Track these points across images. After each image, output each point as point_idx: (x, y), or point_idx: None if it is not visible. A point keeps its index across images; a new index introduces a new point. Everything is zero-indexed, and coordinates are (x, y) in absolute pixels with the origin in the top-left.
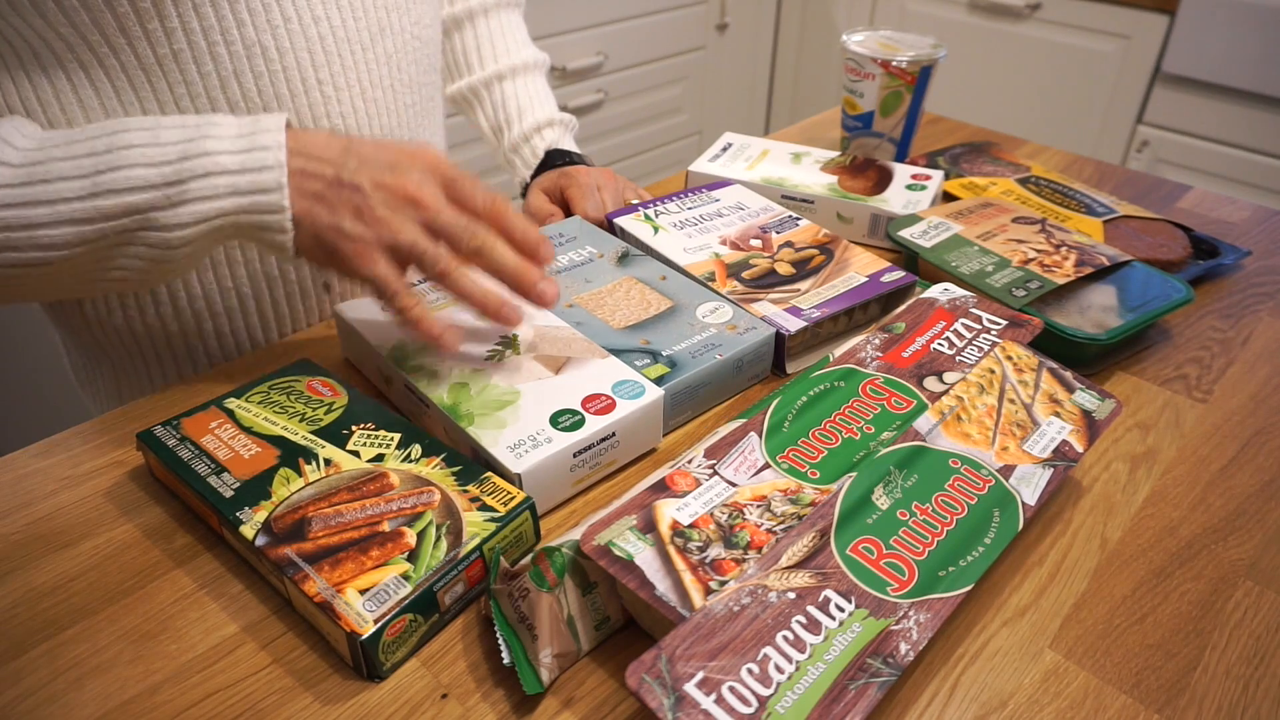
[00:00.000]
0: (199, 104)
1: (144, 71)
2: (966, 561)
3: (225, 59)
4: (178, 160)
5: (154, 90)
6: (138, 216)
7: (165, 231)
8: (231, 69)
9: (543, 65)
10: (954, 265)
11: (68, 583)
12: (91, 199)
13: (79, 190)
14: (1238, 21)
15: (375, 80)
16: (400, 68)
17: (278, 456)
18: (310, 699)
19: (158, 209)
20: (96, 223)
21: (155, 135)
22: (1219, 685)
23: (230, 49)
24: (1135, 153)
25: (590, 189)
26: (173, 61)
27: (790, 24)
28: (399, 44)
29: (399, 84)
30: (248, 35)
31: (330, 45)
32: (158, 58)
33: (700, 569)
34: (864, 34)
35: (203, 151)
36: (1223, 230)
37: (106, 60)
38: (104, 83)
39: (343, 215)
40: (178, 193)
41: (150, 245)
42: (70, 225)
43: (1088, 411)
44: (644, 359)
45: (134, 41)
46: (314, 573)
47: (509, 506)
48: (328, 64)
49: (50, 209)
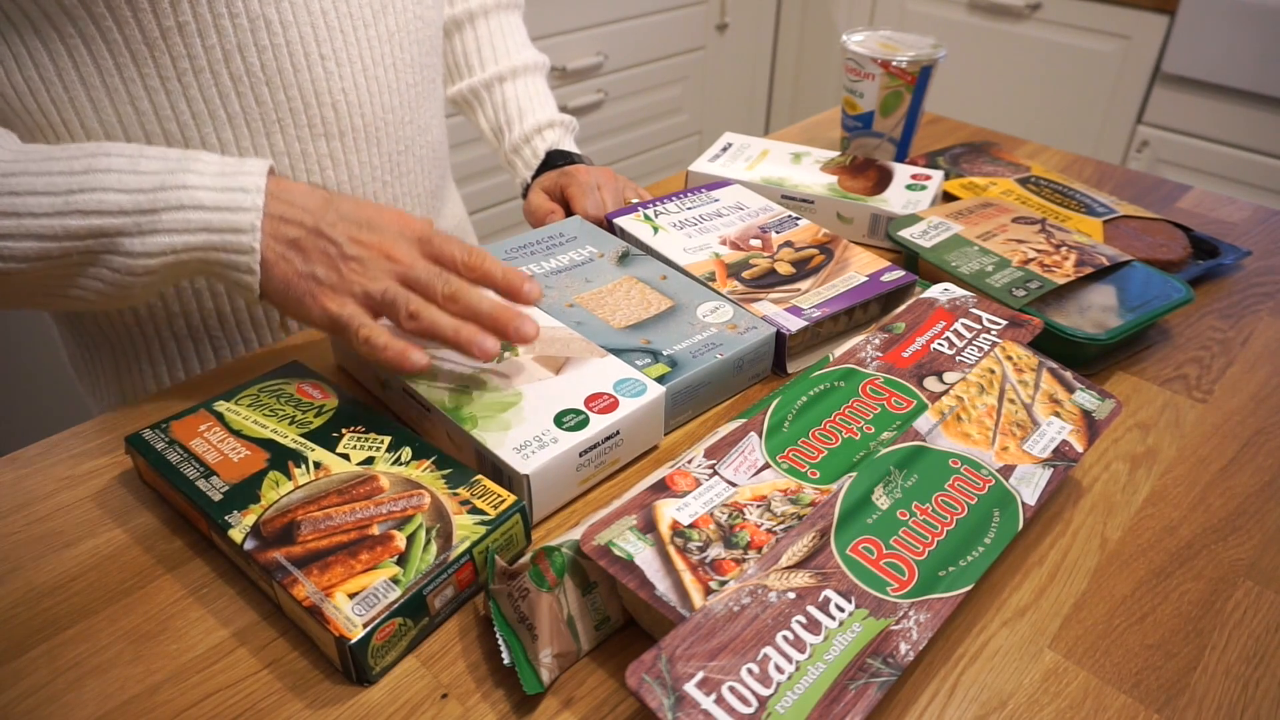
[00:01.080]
0: (201, 78)
1: (146, 45)
2: (966, 561)
3: (229, 32)
4: (154, 190)
5: (156, 64)
6: (104, 240)
7: (129, 258)
8: (235, 42)
9: (543, 67)
10: (954, 265)
11: (68, 583)
12: (60, 217)
13: (48, 207)
14: (1238, 21)
15: (377, 58)
16: (402, 46)
17: (267, 460)
18: (310, 699)
19: (126, 235)
20: (61, 241)
21: (135, 163)
22: (1219, 685)
23: (234, 22)
24: (1135, 153)
25: (590, 188)
26: (176, 34)
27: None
28: (401, 23)
29: (400, 63)
30: (251, 9)
31: (333, 20)
32: (161, 30)
33: (700, 569)
34: (864, 34)
35: (181, 185)
36: (1223, 230)
37: (109, 33)
38: (105, 56)
39: (316, 263)
40: (149, 222)
41: (112, 270)
42: (34, 240)
43: (1088, 411)
44: (644, 358)
45: (138, 13)
46: (303, 577)
47: (499, 510)
48: (330, 39)
49: (16, 221)
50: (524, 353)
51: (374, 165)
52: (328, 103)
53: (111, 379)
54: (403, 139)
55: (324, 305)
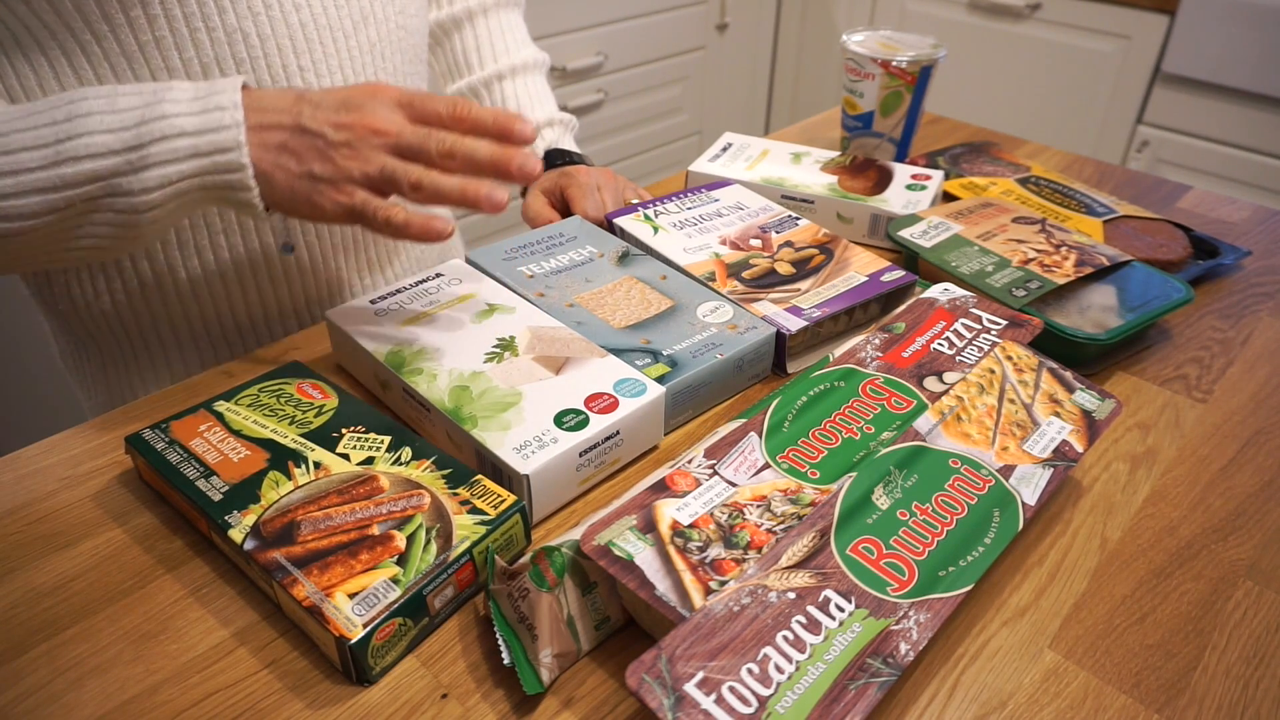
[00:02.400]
0: None
1: (125, 58)
2: (966, 561)
3: (206, 45)
4: (135, 125)
5: (135, 76)
6: (102, 183)
7: (131, 197)
8: (213, 55)
9: (543, 65)
10: (954, 265)
11: (68, 583)
12: (54, 167)
13: (41, 160)
14: (1238, 21)
15: (359, 69)
16: (384, 56)
17: (267, 459)
18: (311, 698)
19: (121, 174)
20: (62, 190)
21: (113, 103)
22: (1219, 685)
23: (211, 35)
24: (1135, 153)
25: (590, 189)
26: (154, 48)
27: (790, 24)
28: (383, 33)
29: (383, 73)
30: (229, 22)
31: (312, 33)
32: (139, 44)
33: (700, 569)
34: (864, 34)
35: (160, 115)
36: (1223, 230)
37: (89, 46)
38: (85, 69)
39: (310, 161)
40: (139, 158)
41: (118, 211)
42: (37, 194)
43: (1088, 411)
44: (645, 358)
45: (116, 28)
46: (303, 577)
47: (499, 510)
48: (309, 51)
49: (14, 179)
50: (524, 353)
51: None
52: None
53: (99, 376)
54: None
55: (334, 199)
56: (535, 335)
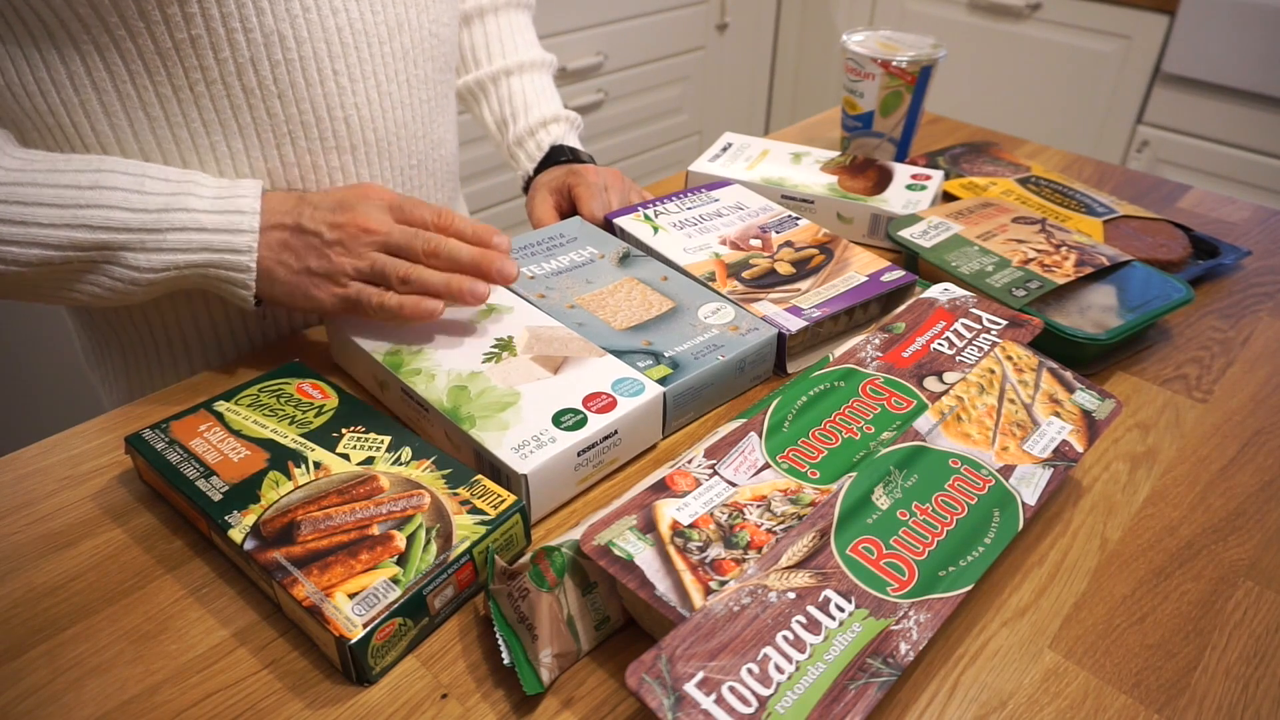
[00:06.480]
0: (213, 90)
1: (159, 56)
2: (966, 561)
3: (243, 46)
4: (159, 211)
5: (169, 75)
6: (108, 252)
7: (134, 270)
8: (249, 56)
9: (550, 65)
10: (954, 265)
11: (68, 583)
12: (67, 229)
13: (54, 218)
14: (1238, 21)
15: (391, 74)
16: (416, 63)
17: (267, 459)
18: (311, 698)
19: (130, 250)
20: (66, 250)
21: (140, 183)
22: (1219, 685)
23: (248, 36)
24: (1135, 153)
25: (598, 189)
26: (189, 47)
27: (790, 24)
28: (416, 40)
29: (414, 79)
30: (266, 23)
31: (347, 37)
32: (175, 43)
33: (700, 569)
34: (864, 34)
35: (184, 208)
36: (1223, 230)
37: (123, 43)
38: (118, 65)
39: (308, 258)
40: (154, 240)
41: (114, 278)
42: (39, 248)
43: (1088, 411)
44: (646, 360)
45: (152, 25)
46: (303, 577)
47: (499, 510)
48: (344, 55)
49: (23, 229)
50: (522, 352)
51: (386, 179)
52: (340, 117)
53: (121, 375)
54: (415, 154)
55: (330, 291)
56: (533, 335)
